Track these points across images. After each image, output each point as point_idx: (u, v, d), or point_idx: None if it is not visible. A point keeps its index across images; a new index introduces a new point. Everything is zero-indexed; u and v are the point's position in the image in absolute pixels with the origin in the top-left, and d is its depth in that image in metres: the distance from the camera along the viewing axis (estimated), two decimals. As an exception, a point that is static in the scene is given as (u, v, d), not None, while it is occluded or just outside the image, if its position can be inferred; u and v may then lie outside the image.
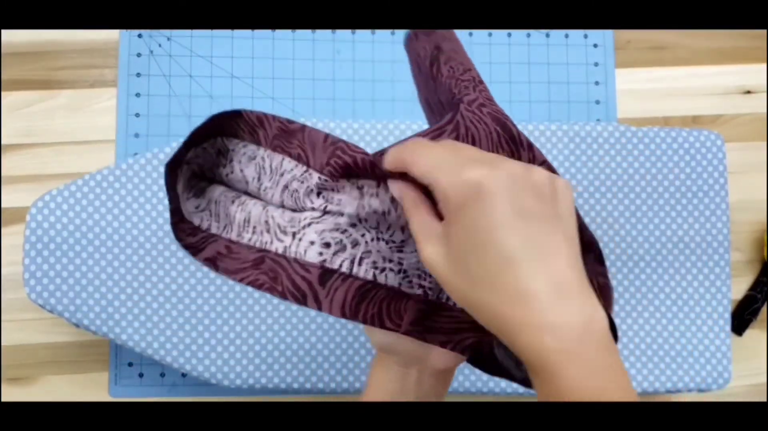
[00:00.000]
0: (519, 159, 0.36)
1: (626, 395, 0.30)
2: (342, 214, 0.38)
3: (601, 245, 0.69)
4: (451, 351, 0.38)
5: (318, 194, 0.38)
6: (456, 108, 0.38)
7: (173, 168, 0.38)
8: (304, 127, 0.38)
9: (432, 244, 0.32)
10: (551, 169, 0.35)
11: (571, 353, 0.29)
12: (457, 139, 0.36)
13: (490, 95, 0.39)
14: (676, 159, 0.69)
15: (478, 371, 0.65)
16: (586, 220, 0.67)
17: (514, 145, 0.37)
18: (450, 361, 0.41)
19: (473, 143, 0.36)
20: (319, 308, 0.37)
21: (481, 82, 0.40)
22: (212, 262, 0.39)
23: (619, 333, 0.67)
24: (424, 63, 0.44)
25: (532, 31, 0.74)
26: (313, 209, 0.38)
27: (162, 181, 0.64)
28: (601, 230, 0.68)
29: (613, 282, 0.67)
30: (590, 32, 0.74)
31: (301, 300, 0.37)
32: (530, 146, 0.37)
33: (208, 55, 0.70)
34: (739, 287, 0.74)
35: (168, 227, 0.64)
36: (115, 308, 0.62)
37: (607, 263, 0.67)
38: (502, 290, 0.30)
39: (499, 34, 0.73)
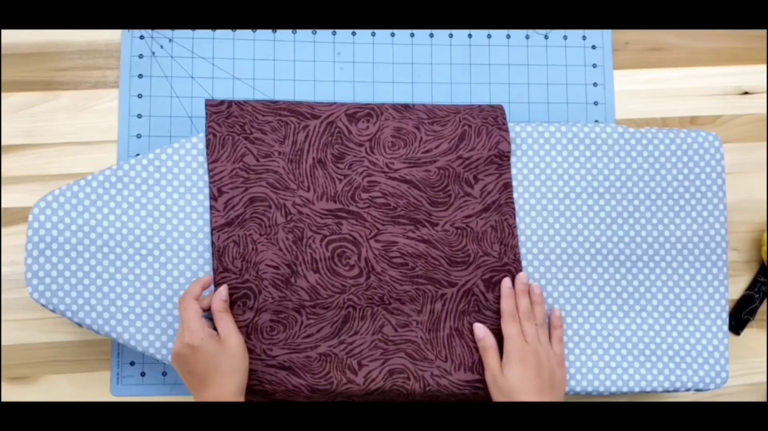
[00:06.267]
0: None
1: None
2: None
3: (599, 245, 0.70)
4: None
5: None
6: None
7: None
8: None
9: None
10: None
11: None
12: None
13: None
14: (674, 160, 0.69)
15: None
16: (585, 221, 0.68)
17: None
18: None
19: None
20: None
21: None
22: None
23: (617, 333, 0.67)
24: None
25: (530, 33, 0.74)
26: None
27: (164, 181, 0.64)
28: (599, 230, 0.68)
29: (612, 283, 0.68)
30: (589, 34, 0.75)
31: None
32: None
33: (209, 56, 0.70)
34: (737, 287, 0.74)
35: (170, 227, 0.64)
36: (117, 307, 0.63)
37: (605, 263, 0.68)
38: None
39: (498, 35, 0.74)
